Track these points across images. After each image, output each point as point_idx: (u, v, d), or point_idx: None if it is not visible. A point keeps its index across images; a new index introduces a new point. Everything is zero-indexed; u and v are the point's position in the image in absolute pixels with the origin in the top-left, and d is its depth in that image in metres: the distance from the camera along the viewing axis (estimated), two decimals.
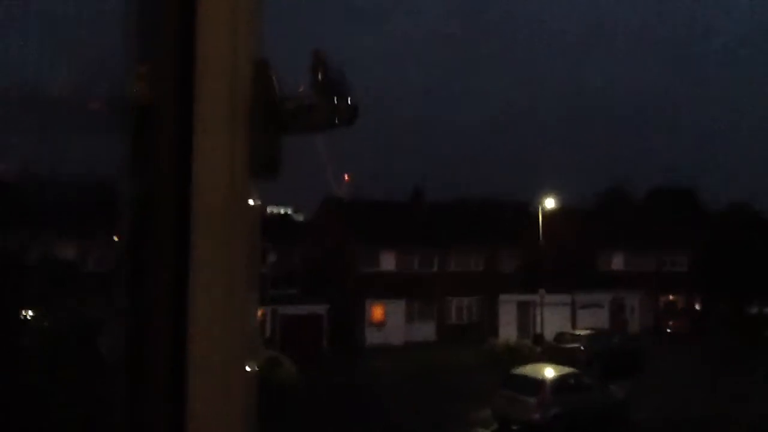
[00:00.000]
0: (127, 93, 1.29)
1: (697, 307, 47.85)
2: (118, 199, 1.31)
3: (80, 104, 1.71)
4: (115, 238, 1.34)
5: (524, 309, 40.89)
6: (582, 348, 28.59)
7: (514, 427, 19.09)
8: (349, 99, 1.34)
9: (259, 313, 28.77)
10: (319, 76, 1.30)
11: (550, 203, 41.80)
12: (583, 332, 31.43)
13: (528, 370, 20.74)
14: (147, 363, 1.23)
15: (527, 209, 45.34)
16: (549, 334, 35.15)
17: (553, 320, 38.72)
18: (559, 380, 19.72)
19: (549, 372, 20.21)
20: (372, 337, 36.88)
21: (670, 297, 47.71)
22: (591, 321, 40.42)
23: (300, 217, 75.65)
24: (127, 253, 1.25)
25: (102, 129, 1.58)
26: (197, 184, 1.23)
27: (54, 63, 1.86)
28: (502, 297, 40.43)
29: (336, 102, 1.33)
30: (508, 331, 39.33)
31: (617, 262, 46.89)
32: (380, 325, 37.69)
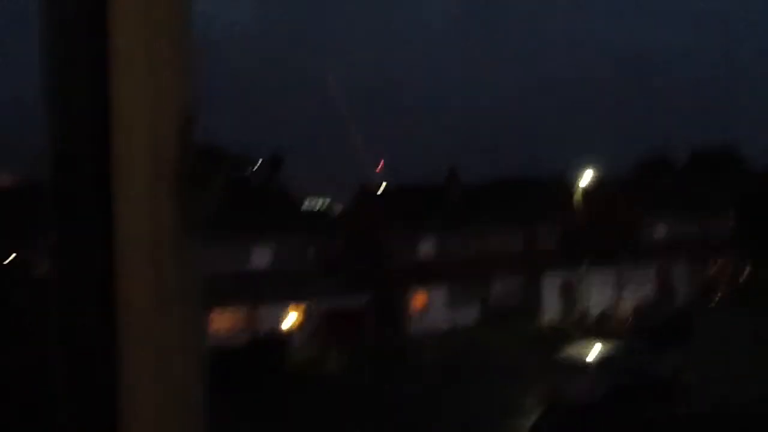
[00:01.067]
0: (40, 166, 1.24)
1: (745, 273, 46.67)
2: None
3: None
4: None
5: (568, 286, 40.40)
6: (630, 320, 28.21)
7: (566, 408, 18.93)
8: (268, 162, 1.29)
9: (302, 307, 29.04)
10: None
11: (589, 175, 41.11)
12: (630, 304, 30.99)
13: (575, 349, 20.54)
14: None
15: (566, 182, 44.67)
16: (595, 309, 34.75)
17: (598, 295, 38.21)
18: (608, 358, 19.48)
19: (597, 349, 19.98)
20: (415, 324, 36.88)
21: (717, 262, 46.65)
22: (637, 292, 39.76)
23: (339, 207, 75.90)
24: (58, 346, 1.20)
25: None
26: (120, 257, 1.17)
27: None
28: (545, 275, 40.00)
29: (259, 162, 1.28)
30: (553, 309, 38.96)
31: (661, 231, 45.95)
32: (423, 312, 37.67)
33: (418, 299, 37.91)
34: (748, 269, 46.69)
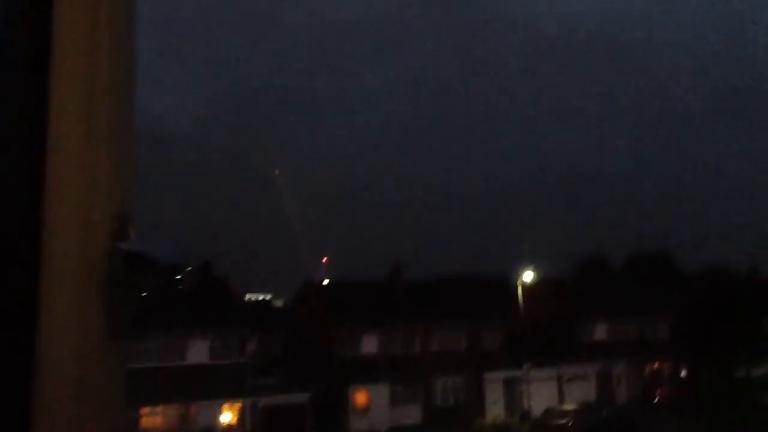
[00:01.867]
0: None
1: (683, 373, 47.44)
2: None
3: None
4: None
5: (510, 386, 40.23)
6: (570, 424, 28.05)
7: None
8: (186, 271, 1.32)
9: (238, 406, 28.07)
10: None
11: (528, 276, 41.82)
12: (570, 407, 30.91)
13: None
14: None
15: (507, 283, 45.30)
16: (537, 409, 34.52)
17: (540, 395, 38.10)
18: None
19: None
20: (356, 424, 35.89)
21: (656, 365, 47.33)
22: (578, 394, 39.82)
23: (279, 303, 74.73)
24: None
25: None
26: (42, 359, 1.14)
27: None
28: (488, 375, 39.81)
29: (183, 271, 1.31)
30: (495, 409, 38.57)
31: (600, 332, 46.62)
32: (364, 410, 36.75)
33: (360, 397, 37.05)
34: (685, 371, 47.45)
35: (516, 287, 41.22)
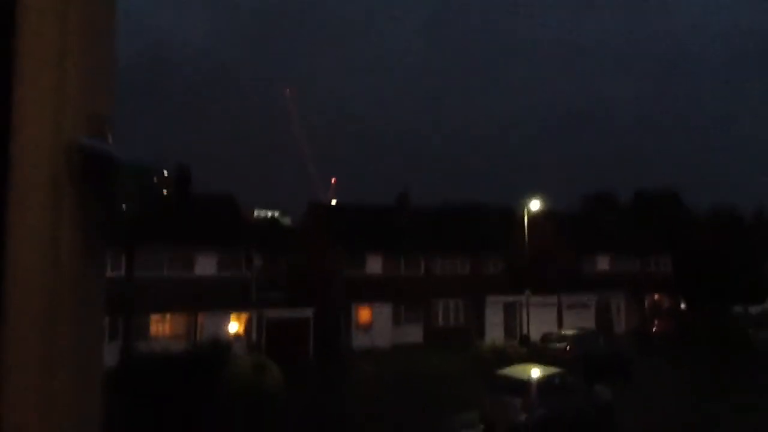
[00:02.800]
0: None
1: (682, 306, 48.13)
2: None
3: None
4: None
5: (511, 310, 40.97)
6: (568, 348, 28.64)
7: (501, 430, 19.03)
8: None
9: (245, 317, 28.64)
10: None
11: (535, 206, 41.92)
12: (569, 332, 31.48)
13: (513, 370, 20.66)
14: None
15: (513, 212, 45.46)
16: (536, 334, 35.26)
17: (539, 321, 38.86)
18: (545, 380, 19.66)
19: (535, 372, 20.15)
20: (359, 341, 36.79)
21: (656, 297, 47.97)
22: (577, 321, 40.57)
23: (287, 221, 75.40)
24: None
25: None
26: (13, 268, 1.10)
27: None
28: (489, 298, 40.47)
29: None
30: (494, 332, 39.39)
31: (603, 264, 47.07)
32: (367, 328, 37.62)
33: (364, 314, 37.86)
34: (684, 305, 48.13)
35: (522, 216, 41.39)
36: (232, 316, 32.61)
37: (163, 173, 1.22)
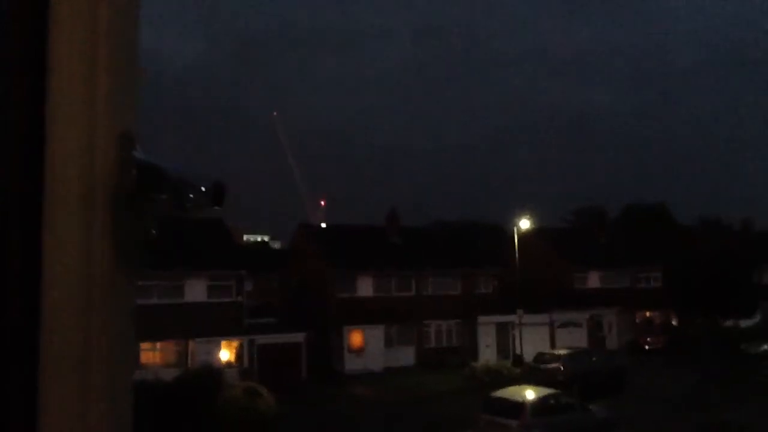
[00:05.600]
0: None
1: (674, 322, 48.18)
2: None
3: None
4: None
5: (503, 330, 40.85)
6: (561, 368, 28.55)
7: None
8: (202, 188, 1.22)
9: (236, 343, 28.46)
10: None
11: (525, 224, 42.05)
12: (562, 352, 31.40)
13: (508, 392, 20.61)
14: None
15: (503, 231, 45.58)
16: (529, 354, 35.12)
17: (532, 340, 38.71)
18: (540, 401, 19.62)
19: (529, 394, 20.11)
20: (351, 364, 36.55)
21: (647, 313, 48.01)
22: (570, 340, 40.47)
23: (277, 245, 75.22)
24: None
25: None
26: (47, 286, 1.09)
27: None
28: (481, 319, 40.35)
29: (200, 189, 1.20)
30: (487, 353, 39.24)
31: (593, 280, 47.13)
32: (359, 351, 37.39)
33: (356, 337, 37.65)
34: (676, 320, 48.21)
35: (511, 234, 41.45)
36: (223, 343, 32.36)
37: (201, 189, 1.19)
